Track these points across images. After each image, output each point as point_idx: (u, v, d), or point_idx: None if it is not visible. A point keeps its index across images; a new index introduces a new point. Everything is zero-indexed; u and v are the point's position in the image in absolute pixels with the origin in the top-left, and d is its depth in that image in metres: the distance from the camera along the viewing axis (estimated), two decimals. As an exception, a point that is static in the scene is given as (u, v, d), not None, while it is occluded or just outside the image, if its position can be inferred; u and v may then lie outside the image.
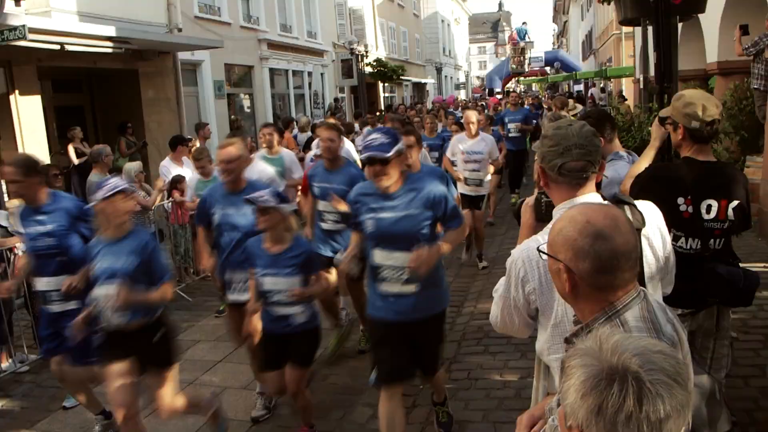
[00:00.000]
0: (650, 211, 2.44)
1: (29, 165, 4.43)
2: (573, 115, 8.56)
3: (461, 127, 9.73)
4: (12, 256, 6.15)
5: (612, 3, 8.72)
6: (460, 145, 8.60)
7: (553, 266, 1.84)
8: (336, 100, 24.04)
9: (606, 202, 2.34)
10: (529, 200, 2.65)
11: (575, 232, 1.74)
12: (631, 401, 1.22)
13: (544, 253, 1.87)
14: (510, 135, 12.71)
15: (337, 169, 5.54)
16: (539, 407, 2.39)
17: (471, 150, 8.51)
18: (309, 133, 12.94)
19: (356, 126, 14.76)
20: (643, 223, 2.32)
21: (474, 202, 8.51)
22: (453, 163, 8.69)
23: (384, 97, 31.99)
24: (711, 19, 10.34)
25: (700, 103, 3.20)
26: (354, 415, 4.87)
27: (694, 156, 3.28)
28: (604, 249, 1.70)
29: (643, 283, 2.19)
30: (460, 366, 5.56)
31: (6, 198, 8.59)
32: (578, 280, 1.75)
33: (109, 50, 11.47)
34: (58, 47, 10.18)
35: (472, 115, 8.81)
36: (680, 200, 3.21)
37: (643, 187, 3.25)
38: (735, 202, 3.23)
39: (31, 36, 8.75)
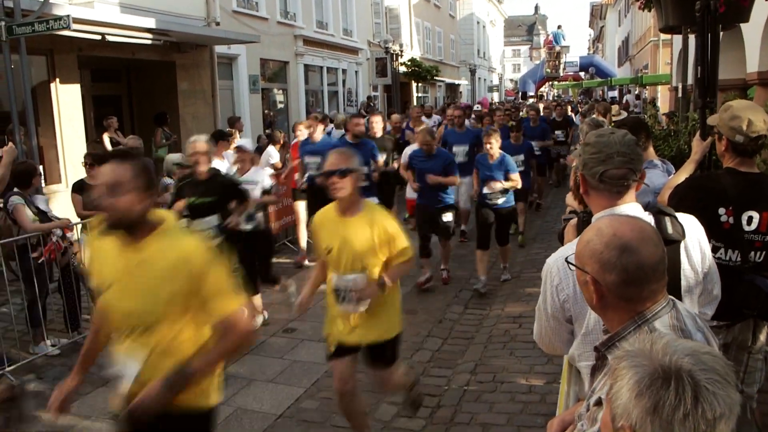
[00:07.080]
0: (691, 224, 2.43)
1: None
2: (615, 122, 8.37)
3: None
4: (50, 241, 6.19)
5: (652, 10, 8.61)
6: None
7: (581, 277, 1.85)
8: (369, 98, 24.07)
9: (646, 212, 2.33)
10: (573, 221, 2.64)
11: (601, 244, 1.75)
12: (688, 399, 1.22)
13: (572, 264, 1.88)
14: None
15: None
16: (570, 412, 2.39)
17: None
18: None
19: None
20: (683, 235, 2.30)
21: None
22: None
23: (417, 96, 31.95)
24: (753, 28, 10.15)
25: (746, 117, 3.14)
26: (379, 413, 4.88)
27: (737, 167, 3.23)
28: (630, 262, 1.70)
29: (678, 295, 2.17)
30: (486, 369, 5.56)
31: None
32: (606, 291, 1.76)
33: (149, 42, 11.65)
34: (99, 38, 10.39)
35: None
36: (721, 210, 3.17)
37: (683, 197, 3.21)
38: (777, 215, 3.18)
39: (74, 26, 8.88)
